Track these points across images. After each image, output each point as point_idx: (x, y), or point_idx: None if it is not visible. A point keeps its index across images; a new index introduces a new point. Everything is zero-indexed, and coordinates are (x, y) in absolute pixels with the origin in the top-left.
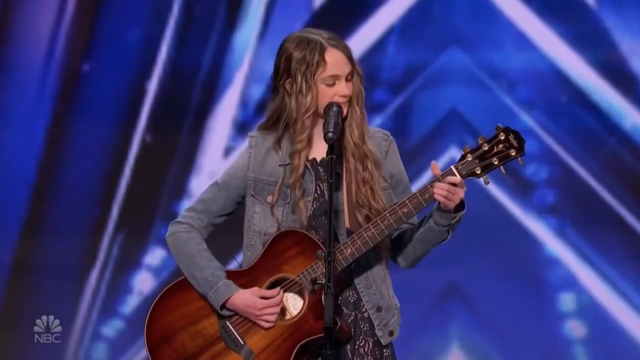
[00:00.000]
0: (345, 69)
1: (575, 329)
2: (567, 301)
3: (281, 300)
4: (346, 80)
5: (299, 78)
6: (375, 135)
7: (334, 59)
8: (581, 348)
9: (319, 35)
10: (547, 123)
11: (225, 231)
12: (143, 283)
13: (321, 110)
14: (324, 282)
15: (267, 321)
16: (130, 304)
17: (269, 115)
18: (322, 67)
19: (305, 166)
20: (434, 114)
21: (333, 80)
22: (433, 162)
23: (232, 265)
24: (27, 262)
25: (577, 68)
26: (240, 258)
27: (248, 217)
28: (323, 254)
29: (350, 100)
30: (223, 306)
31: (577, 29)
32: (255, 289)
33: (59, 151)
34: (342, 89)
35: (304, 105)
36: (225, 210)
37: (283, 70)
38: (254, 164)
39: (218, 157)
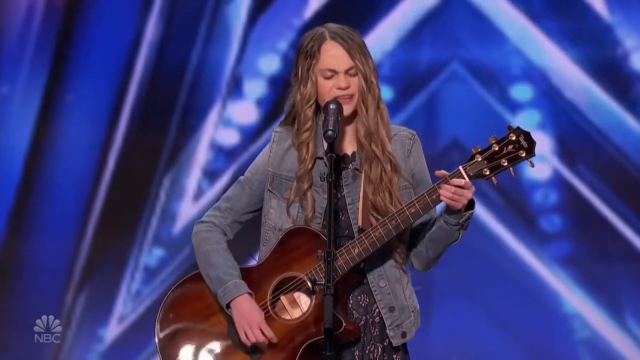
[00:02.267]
0: (342, 63)
1: None
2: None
3: (268, 339)
4: (349, 75)
5: (300, 68)
6: (399, 134)
7: (327, 52)
8: None
9: (329, 27)
10: (549, 124)
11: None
12: (136, 284)
13: (323, 103)
14: (323, 282)
15: (247, 337)
16: (125, 305)
17: (286, 110)
18: (316, 59)
19: (323, 160)
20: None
21: (330, 74)
22: (437, 171)
23: (249, 262)
24: (23, 261)
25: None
26: (257, 254)
27: (265, 211)
28: (322, 254)
29: (353, 97)
30: (228, 305)
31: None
32: (262, 315)
33: (46, 150)
34: (339, 82)
35: (305, 95)
36: (250, 207)
37: (294, 62)
38: (274, 158)
39: (208, 154)
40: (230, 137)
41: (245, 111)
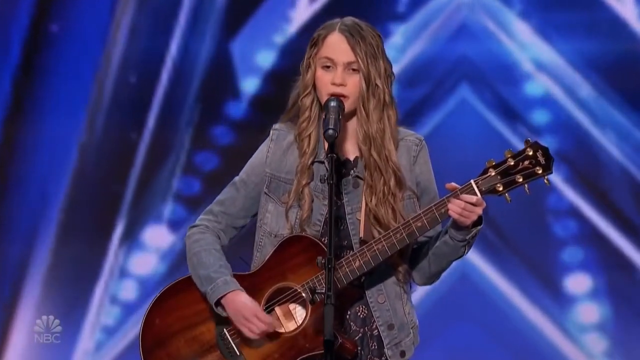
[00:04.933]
0: (342, 56)
1: None
2: None
3: (270, 327)
4: (349, 71)
5: (305, 56)
6: (406, 139)
7: (331, 42)
8: None
9: (344, 20)
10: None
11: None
12: (114, 289)
13: (320, 97)
14: (323, 291)
15: (251, 331)
16: (114, 314)
17: (290, 103)
18: (318, 47)
19: (324, 164)
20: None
21: (329, 64)
22: (448, 184)
23: (239, 265)
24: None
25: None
26: (247, 258)
27: (260, 215)
28: (323, 261)
29: (349, 97)
30: (218, 303)
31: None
32: (257, 304)
33: (17, 148)
34: (336, 77)
35: (304, 83)
36: (245, 211)
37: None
38: (272, 158)
39: (197, 154)
40: (221, 136)
41: (238, 109)
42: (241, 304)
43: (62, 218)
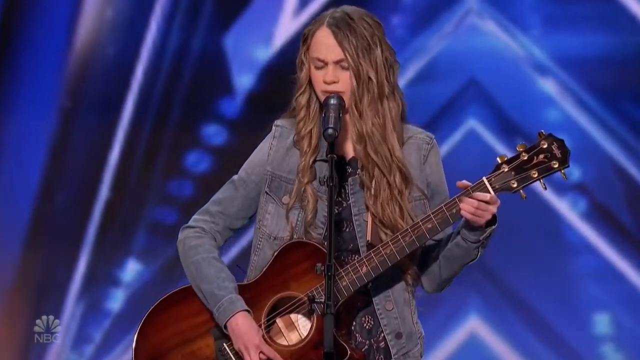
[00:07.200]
0: (330, 54)
1: None
2: None
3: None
4: (341, 68)
5: (299, 52)
6: (415, 137)
7: (317, 40)
8: None
9: (336, 11)
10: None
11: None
12: (115, 299)
13: (318, 96)
14: (322, 300)
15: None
16: (101, 322)
17: (292, 103)
18: (308, 43)
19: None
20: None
21: (320, 64)
22: (459, 182)
23: (237, 272)
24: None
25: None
26: (245, 266)
27: (259, 216)
28: (322, 268)
29: (343, 93)
30: (226, 326)
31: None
32: (260, 335)
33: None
34: (327, 75)
35: (299, 82)
36: (244, 211)
37: None
38: (274, 156)
39: (189, 153)
40: (214, 135)
41: (231, 106)
42: (244, 331)
43: (36, 217)
